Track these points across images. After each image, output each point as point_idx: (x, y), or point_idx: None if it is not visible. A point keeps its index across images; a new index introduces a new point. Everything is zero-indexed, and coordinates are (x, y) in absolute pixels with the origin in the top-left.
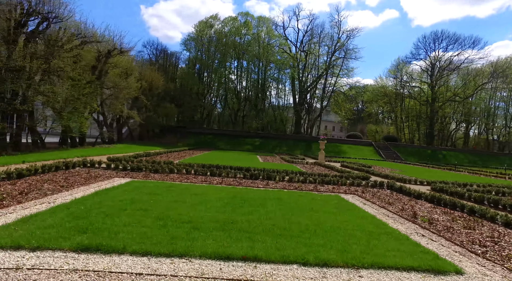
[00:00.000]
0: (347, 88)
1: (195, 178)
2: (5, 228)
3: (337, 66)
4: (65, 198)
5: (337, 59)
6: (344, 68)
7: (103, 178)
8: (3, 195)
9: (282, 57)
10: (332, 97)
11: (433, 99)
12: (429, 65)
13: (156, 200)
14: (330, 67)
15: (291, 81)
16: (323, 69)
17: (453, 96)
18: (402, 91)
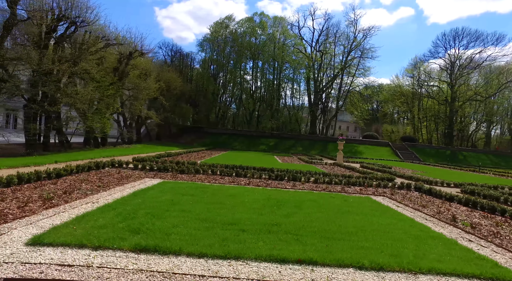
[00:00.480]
0: (363, 88)
1: (222, 179)
2: (65, 226)
3: (353, 65)
4: (106, 198)
5: (353, 58)
6: (360, 68)
7: (134, 179)
8: (50, 194)
9: (297, 57)
10: (348, 97)
11: (453, 98)
12: (449, 63)
13: (194, 201)
14: (346, 66)
15: (306, 81)
16: (339, 69)
17: (474, 95)
18: (420, 90)
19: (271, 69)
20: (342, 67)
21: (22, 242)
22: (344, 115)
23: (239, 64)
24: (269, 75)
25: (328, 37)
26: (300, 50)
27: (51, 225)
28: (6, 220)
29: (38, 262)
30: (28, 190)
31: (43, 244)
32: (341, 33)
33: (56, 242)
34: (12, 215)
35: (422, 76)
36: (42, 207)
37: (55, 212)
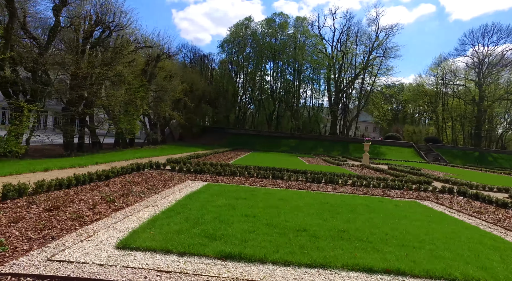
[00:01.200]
0: (385, 87)
1: (261, 181)
2: (142, 231)
3: (374, 65)
4: (162, 202)
5: (375, 58)
6: (383, 67)
7: (178, 181)
8: (111, 197)
9: (317, 57)
10: (370, 97)
11: (481, 97)
12: (477, 61)
13: (250, 206)
14: (367, 66)
15: (327, 81)
16: (360, 68)
17: (505, 94)
18: (445, 90)
19: (291, 70)
20: (364, 67)
21: (112, 245)
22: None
23: (259, 64)
24: (289, 75)
25: (349, 37)
26: (320, 50)
27: (128, 228)
28: (85, 222)
29: (137, 266)
30: (87, 192)
31: (131, 248)
32: (362, 33)
33: (143, 246)
34: (88, 217)
35: (447, 75)
36: (108, 209)
37: (123, 215)
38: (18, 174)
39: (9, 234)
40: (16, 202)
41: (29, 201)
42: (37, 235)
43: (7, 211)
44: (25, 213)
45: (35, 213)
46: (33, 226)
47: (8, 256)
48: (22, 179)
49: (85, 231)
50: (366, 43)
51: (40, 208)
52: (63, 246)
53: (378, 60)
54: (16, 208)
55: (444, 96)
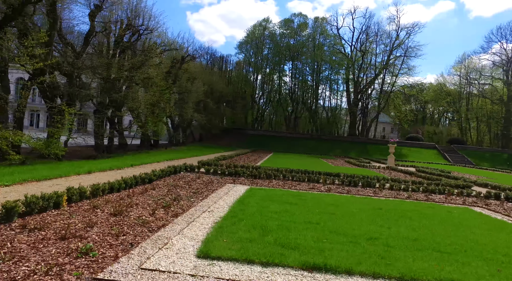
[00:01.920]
0: (406, 87)
1: (299, 185)
2: (214, 239)
3: (395, 65)
4: (215, 207)
5: (395, 57)
6: (404, 67)
7: (218, 184)
8: (165, 202)
9: (336, 57)
10: (390, 97)
11: (509, 97)
12: (505, 59)
13: (305, 211)
14: (387, 66)
15: (345, 81)
16: (380, 68)
17: None
18: (469, 89)
19: (309, 70)
20: (384, 67)
21: (191, 254)
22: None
23: (277, 65)
24: (308, 76)
25: (369, 36)
26: (339, 51)
27: (197, 235)
28: (152, 228)
29: (228, 278)
30: (139, 196)
31: (212, 258)
32: (382, 32)
33: (224, 256)
34: (153, 223)
35: (471, 74)
36: (167, 214)
37: (185, 221)
38: (66, 176)
39: (91, 239)
40: (80, 206)
41: (93, 205)
42: (115, 241)
43: (78, 215)
44: (94, 218)
45: (103, 218)
46: (107, 232)
47: (101, 261)
48: (71, 181)
49: (158, 238)
50: (386, 42)
51: (104, 212)
52: (145, 253)
53: (398, 60)
54: (83, 212)
55: (468, 96)
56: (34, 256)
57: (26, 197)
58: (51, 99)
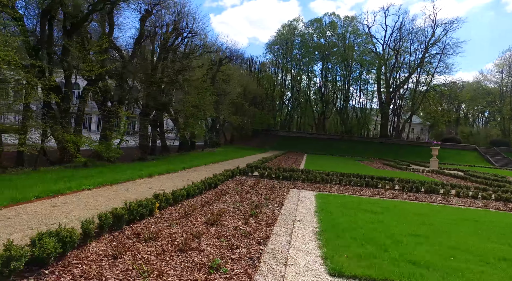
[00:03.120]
0: (442, 86)
1: (361, 190)
2: (335, 254)
3: (431, 63)
4: (300, 215)
5: (431, 55)
6: (441, 65)
7: (281, 190)
8: (253, 210)
9: (368, 57)
10: (425, 97)
11: None
12: None
13: (399, 222)
14: (422, 65)
15: (377, 81)
16: (414, 67)
17: None
18: None
19: (340, 70)
20: (418, 66)
21: (324, 272)
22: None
23: (306, 66)
24: (338, 76)
25: (402, 34)
26: (371, 50)
27: (310, 249)
28: (258, 240)
29: None
30: (217, 203)
31: (347, 277)
32: (417, 29)
33: (360, 275)
34: (255, 234)
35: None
36: (259, 224)
37: (283, 232)
38: (133, 180)
39: (207, 252)
40: (169, 213)
41: (183, 213)
42: (232, 254)
43: (176, 224)
44: (193, 227)
45: (202, 228)
46: (218, 243)
47: (236, 279)
48: (140, 185)
49: (273, 251)
50: (421, 40)
51: (198, 221)
52: (274, 270)
53: (435, 58)
54: (178, 220)
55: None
56: (170, 270)
57: (126, 204)
58: (103, 102)
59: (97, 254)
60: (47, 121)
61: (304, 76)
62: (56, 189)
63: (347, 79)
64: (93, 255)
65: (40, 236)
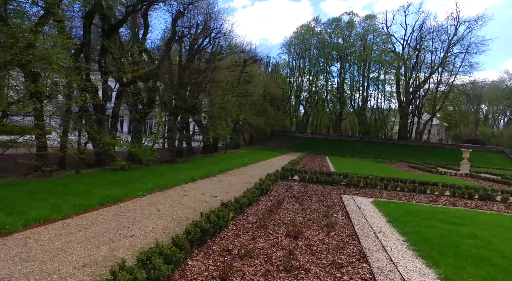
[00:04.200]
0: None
1: (416, 196)
2: (458, 279)
3: (454, 62)
4: (376, 226)
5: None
6: (464, 64)
7: (332, 196)
8: (327, 221)
9: (387, 56)
10: (447, 97)
11: None
12: None
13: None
14: (444, 64)
15: (396, 82)
16: (435, 67)
17: None
18: None
19: (358, 71)
20: (439, 65)
21: None
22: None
23: (324, 66)
24: (357, 76)
25: (423, 33)
26: (391, 50)
27: (420, 268)
28: (357, 257)
29: None
30: (280, 211)
31: None
32: (439, 28)
33: None
34: (347, 249)
35: None
36: (341, 236)
37: (374, 246)
38: (180, 185)
39: (314, 272)
40: (242, 224)
41: (259, 224)
42: (341, 275)
43: (259, 237)
44: (279, 242)
45: (287, 241)
46: (317, 261)
47: None
48: (190, 191)
49: (382, 271)
50: (443, 38)
51: (278, 233)
52: None
53: (458, 57)
54: (257, 233)
55: None
56: None
57: (203, 215)
58: (134, 105)
59: (202, 275)
60: (91, 123)
61: (321, 76)
62: (114, 195)
63: (365, 80)
64: (199, 277)
65: (147, 256)
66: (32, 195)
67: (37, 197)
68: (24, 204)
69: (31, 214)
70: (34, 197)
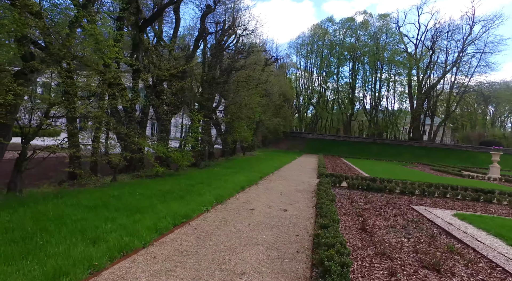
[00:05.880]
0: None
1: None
2: None
3: (469, 62)
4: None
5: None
6: (481, 64)
7: (404, 207)
8: (438, 246)
9: (400, 57)
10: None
11: None
12: None
13: None
14: (458, 64)
15: (408, 83)
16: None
17: None
18: None
19: (371, 71)
20: (453, 65)
21: None
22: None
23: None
24: (369, 77)
25: (437, 32)
26: (404, 50)
27: None
28: None
29: None
30: (378, 231)
31: None
32: (453, 27)
33: None
34: None
35: None
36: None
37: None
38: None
39: None
40: (354, 250)
41: (377, 252)
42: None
43: (397, 272)
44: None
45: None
46: None
47: None
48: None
49: None
50: (457, 38)
51: (410, 264)
52: None
53: (475, 56)
54: (385, 264)
55: None
56: None
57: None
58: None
59: None
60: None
61: (332, 77)
62: (182, 213)
63: (377, 80)
64: None
65: None
66: (92, 212)
67: (100, 215)
68: (93, 225)
69: (110, 241)
70: (96, 214)
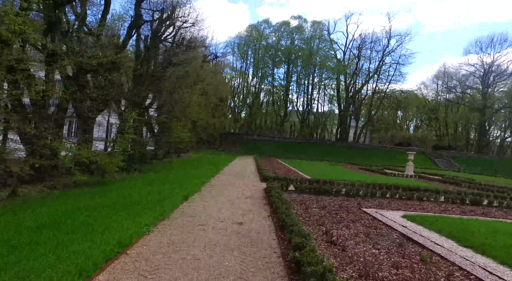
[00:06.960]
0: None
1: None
2: None
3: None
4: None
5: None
6: (396, 74)
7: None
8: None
9: (330, 62)
10: (382, 103)
11: (486, 105)
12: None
13: None
14: (379, 73)
15: (337, 87)
16: (371, 75)
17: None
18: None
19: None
20: (374, 73)
21: None
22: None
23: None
24: (302, 80)
25: (361, 42)
26: (333, 56)
27: None
28: None
29: None
30: (349, 242)
31: None
32: (375, 39)
33: None
34: None
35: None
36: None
37: None
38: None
39: None
40: None
41: (360, 273)
42: None
43: None
44: None
45: None
46: None
47: None
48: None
49: None
50: (378, 49)
51: None
52: None
53: (393, 66)
54: None
55: (446, 104)
56: None
57: None
58: (80, 101)
59: None
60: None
61: (268, 79)
62: (115, 240)
63: (311, 83)
64: None
65: None
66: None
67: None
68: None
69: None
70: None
